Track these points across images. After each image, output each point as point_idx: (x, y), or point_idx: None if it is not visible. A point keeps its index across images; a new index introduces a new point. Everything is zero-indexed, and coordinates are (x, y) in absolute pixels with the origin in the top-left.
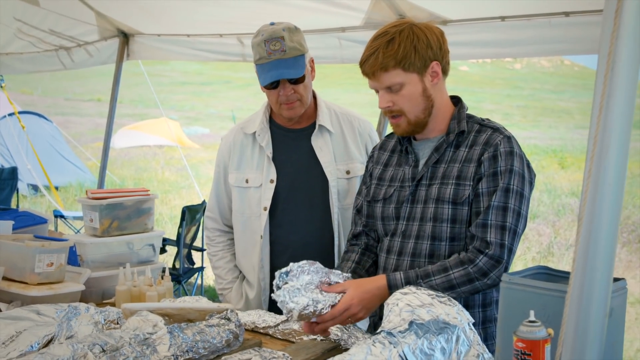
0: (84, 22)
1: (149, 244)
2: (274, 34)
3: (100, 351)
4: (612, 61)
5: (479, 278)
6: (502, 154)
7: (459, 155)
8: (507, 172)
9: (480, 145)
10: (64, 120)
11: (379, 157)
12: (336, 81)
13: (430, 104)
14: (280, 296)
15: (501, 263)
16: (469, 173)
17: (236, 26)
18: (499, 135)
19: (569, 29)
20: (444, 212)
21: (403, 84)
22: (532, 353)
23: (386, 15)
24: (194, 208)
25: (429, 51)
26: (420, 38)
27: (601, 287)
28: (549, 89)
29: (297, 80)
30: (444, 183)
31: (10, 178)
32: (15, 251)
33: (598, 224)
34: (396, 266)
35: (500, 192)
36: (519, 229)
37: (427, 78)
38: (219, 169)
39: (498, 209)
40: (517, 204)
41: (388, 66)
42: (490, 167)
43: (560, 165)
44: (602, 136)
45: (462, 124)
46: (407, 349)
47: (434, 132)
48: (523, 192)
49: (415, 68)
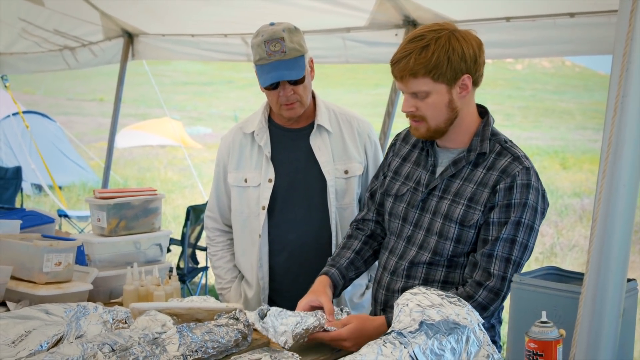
0: (88, 22)
1: (156, 243)
2: (274, 35)
3: (109, 350)
4: (627, 62)
5: (479, 313)
6: (519, 186)
7: (476, 175)
8: (521, 206)
9: (497, 172)
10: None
11: (399, 149)
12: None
13: (454, 115)
14: (268, 323)
15: (500, 295)
16: (481, 198)
17: (240, 26)
18: (518, 166)
19: (574, 30)
20: (450, 231)
21: (430, 92)
22: (544, 354)
23: (391, 16)
24: (198, 208)
25: (462, 64)
26: (455, 49)
27: (615, 287)
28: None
29: (297, 81)
30: (455, 201)
31: (14, 178)
32: (24, 250)
33: (612, 224)
34: (395, 268)
35: (511, 225)
36: (523, 261)
37: (456, 90)
38: (218, 168)
39: (506, 242)
40: (526, 237)
41: (418, 73)
42: (505, 198)
43: (561, 166)
44: (616, 137)
45: (484, 145)
46: (417, 349)
47: (455, 143)
48: (534, 225)
49: (445, 79)
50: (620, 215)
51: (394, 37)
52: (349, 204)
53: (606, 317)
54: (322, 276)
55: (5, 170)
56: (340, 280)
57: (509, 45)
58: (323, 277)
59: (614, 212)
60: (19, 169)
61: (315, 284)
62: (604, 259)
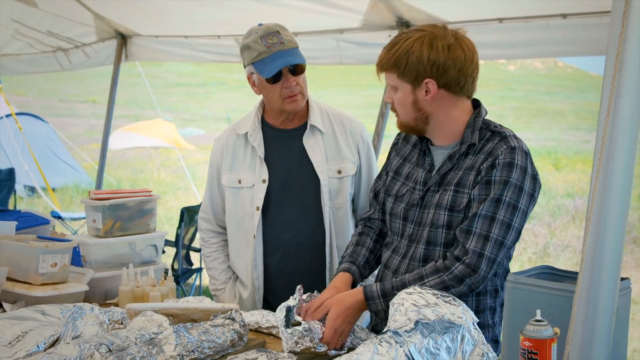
0: (81, 23)
1: (151, 244)
2: (268, 30)
3: (106, 351)
4: (620, 62)
5: (454, 285)
6: (500, 164)
7: (465, 162)
8: (502, 183)
9: (484, 154)
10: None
11: (400, 148)
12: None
13: (423, 115)
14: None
15: (477, 272)
16: (468, 181)
17: (234, 27)
18: (503, 145)
19: (567, 31)
20: (440, 218)
21: (397, 88)
22: (538, 352)
23: (384, 17)
24: (192, 209)
25: (419, 67)
26: (415, 52)
27: (609, 286)
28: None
29: (298, 72)
30: (445, 190)
31: (7, 179)
32: (19, 252)
33: (605, 223)
34: (397, 267)
35: (490, 202)
36: (507, 241)
37: (421, 92)
38: (212, 170)
39: (485, 218)
40: (508, 215)
41: (384, 67)
42: (486, 175)
43: (554, 167)
44: (610, 137)
45: (474, 135)
46: (413, 348)
47: (446, 140)
48: (517, 204)
49: (407, 79)
50: (614, 214)
51: (387, 38)
52: (342, 204)
53: (600, 315)
54: (345, 273)
55: None
56: (359, 279)
57: (502, 46)
58: (345, 275)
59: (607, 211)
60: (12, 170)
61: (337, 279)
62: (597, 258)
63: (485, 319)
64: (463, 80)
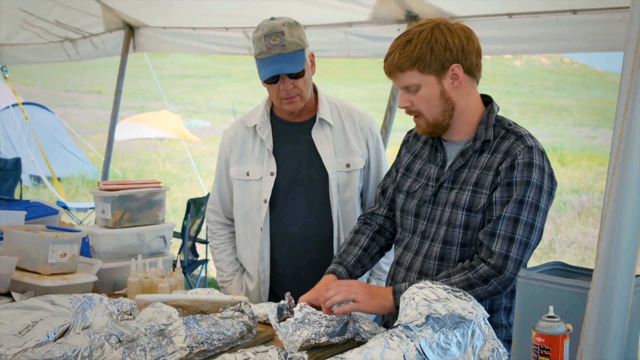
0: (89, 14)
1: (159, 235)
2: (273, 29)
3: (116, 341)
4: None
5: (479, 284)
6: (520, 164)
7: (481, 161)
8: (523, 184)
9: (501, 154)
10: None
11: (411, 145)
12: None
13: (450, 106)
14: (282, 327)
15: (502, 273)
16: (486, 181)
17: (242, 19)
18: (520, 145)
19: (576, 27)
20: (457, 218)
21: (420, 85)
22: (551, 348)
23: (393, 11)
24: (199, 201)
25: (447, 53)
26: (438, 40)
27: (624, 283)
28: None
29: (296, 75)
30: (462, 189)
31: (14, 169)
32: (29, 241)
33: (621, 221)
34: (410, 264)
35: (513, 203)
36: (532, 241)
37: (447, 80)
38: (220, 162)
39: (509, 220)
40: (531, 216)
41: (404, 67)
42: (507, 176)
43: (560, 163)
44: (627, 134)
45: (489, 132)
46: (424, 343)
47: (459, 135)
48: (539, 204)
49: (432, 70)
50: (630, 211)
51: (396, 32)
52: (350, 198)
53: (614, 312)
54: (329, 275)
55: (5, 162)
56: (347, 280)
57: (511, 42)
58: (329, 277)
59: (623, 208)
60: (19, 160)
61: (321, 282)
62: (612, 255)
63: (498, 318)
64: (480, 64)
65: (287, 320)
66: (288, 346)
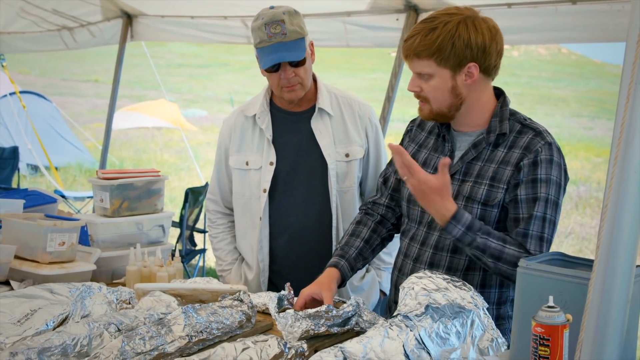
0: (87, 2)
1: (158, 224)
2: (274, 17)
3: (115, 330)
4: None
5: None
6: (542, 161)
7: (497, 155)
8: (546, 182)
9: (520, 149)
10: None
11: (415, 135)
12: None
13: (459, 101)
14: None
15: None
16: (504, 176)
17: (240, 8)
18: (540, 141)
19: (575, 17)
20: (472, 212)
21: (433, 75)
22: (550, 338)
23: (392, 1)
24: (197, 190)
25: (467, 51)
26: (461, 36)
27: (624, 273)
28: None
29: (297, 63)
30: (477, 182)
31: (11, 158)
32: (27, 230)
33: (622, 211)
34: (418, 255)
35: (541, 202)
36: (552, 238)
37: (461, 77)
38: (220, 151)
39: (539, 220)
40: (553, 214)
41: (421, 55)
42: (530, 174)
43: None
44: (629, 124)
45: (504, 125)
46: (423, 332)
47: (471, 127)
48: (558, 201)
49: (449, 64)
50: (631, 201)
51: (395, 21)
52: (349, 187)
53: (614, 302)
54: (332, 269)
55: (2, 150)
56: (349, 273)
57: (509, 32)
58: (332, 270)
59: (624, 198)
60: (16, 148)
61: (323, 276)
62: (613, 245)
63: (505, 310)
64: (499, 64)
65: (286, 311)
66: (287, 336)
